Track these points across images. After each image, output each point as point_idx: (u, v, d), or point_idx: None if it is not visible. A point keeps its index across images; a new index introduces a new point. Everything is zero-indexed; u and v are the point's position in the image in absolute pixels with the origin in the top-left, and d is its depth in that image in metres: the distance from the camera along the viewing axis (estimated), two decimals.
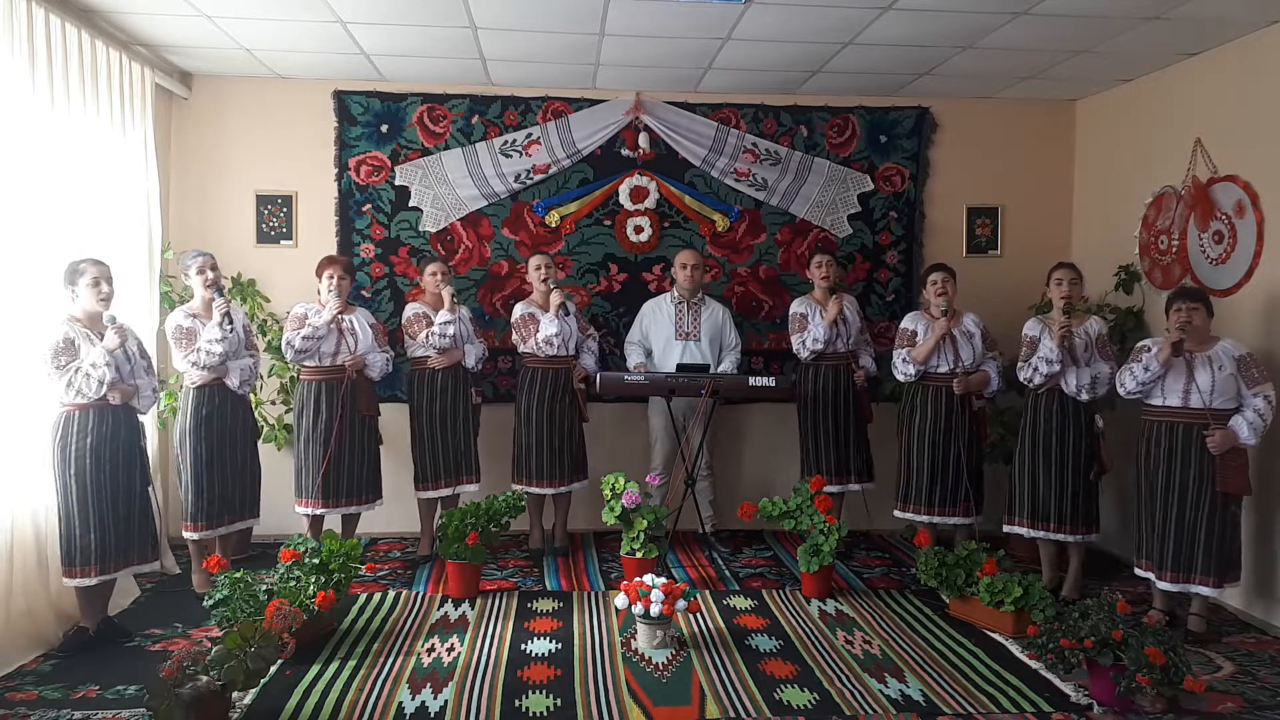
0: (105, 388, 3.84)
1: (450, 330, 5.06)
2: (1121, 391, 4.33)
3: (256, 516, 4.90)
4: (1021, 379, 4.74)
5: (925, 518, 5.02)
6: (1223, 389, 4.07)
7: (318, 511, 4.89)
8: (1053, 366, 4.56)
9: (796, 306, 5.42)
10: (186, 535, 4.64)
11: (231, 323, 4.55)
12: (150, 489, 4.17)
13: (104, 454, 3.90)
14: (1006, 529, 4.85)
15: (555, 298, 5.12)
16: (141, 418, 4.18)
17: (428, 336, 5.07)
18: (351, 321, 4.97)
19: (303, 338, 4.78)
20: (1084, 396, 4.57)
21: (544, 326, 5.14)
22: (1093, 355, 4.61)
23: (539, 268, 5.24)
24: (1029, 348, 4.70)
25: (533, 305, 5.28)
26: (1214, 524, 4.07)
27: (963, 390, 4.91)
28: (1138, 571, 4.36)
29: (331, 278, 4.85)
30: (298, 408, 4.96)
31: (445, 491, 5.22)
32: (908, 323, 5.12)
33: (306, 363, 4.89)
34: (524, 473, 5.27)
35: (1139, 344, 4.35)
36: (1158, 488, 4.21)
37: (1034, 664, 3.83)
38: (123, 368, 3.97)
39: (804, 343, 5.29)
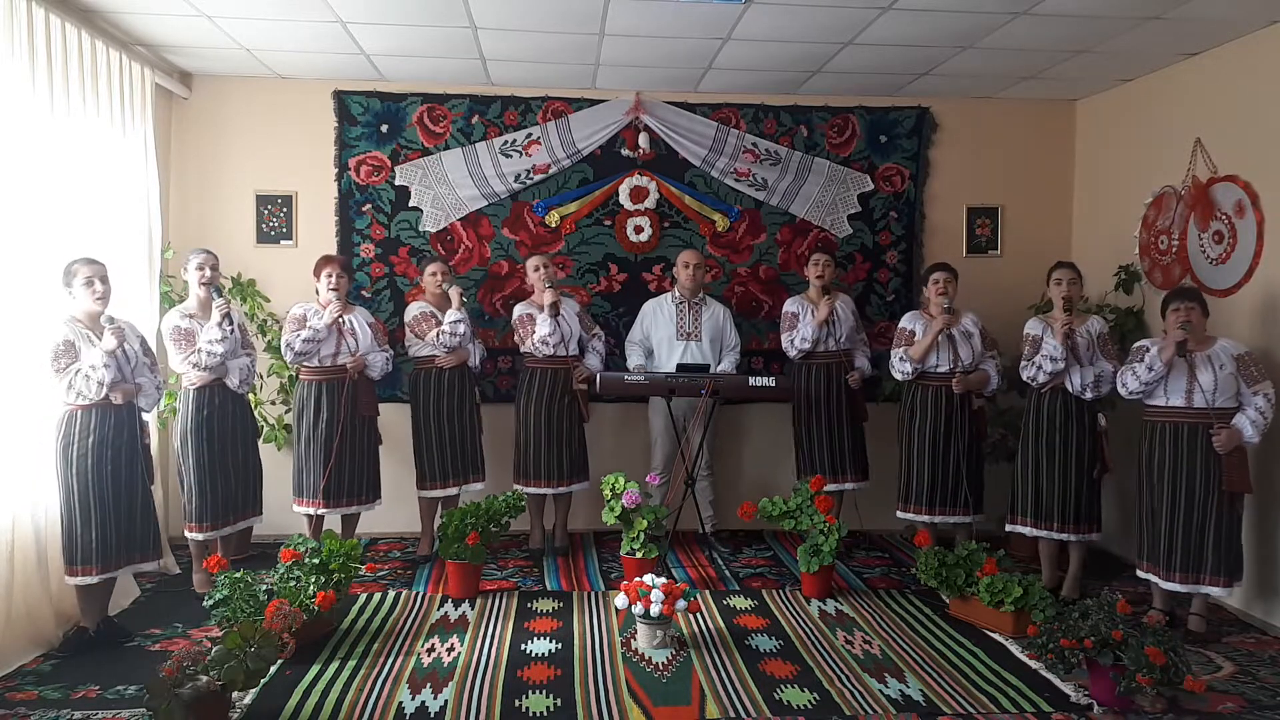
0: (106, 389, 3.84)
1: (461, 329, 5.07)
2: (1123, 392, 4.33)
3: (259, 514, 4.92)
4: (1025, 378, 4.75)
5: (925, 518, 5.02)
6: (1225, 388, 4.09)
7: (319, 511, 4.89)
8: (1057, 365, 4.56)
9: (789, 305, 5.44)
10: (191, 536, 4.64)
11: (231, 322, 4.56)
12: (152, 487, 4.17)
13: (106, 453, 3.90)
14: (1010, 528, 4.85)
15: (548, 297, 5.11)
16: (147, 416, 4.19)
17: (438, 336, 5.07)
18: (351, 322, 4.96)
19: (303, 340, 4.78)
20: (1088, 395, 4.58)
21: (539, 326, 5.14)
22: (1095, 354, 4.62)
23: (537, 268, 5.25)
24: (1031, 347, 4.70)
25: (532, 306, 5.28)
26: (1221, 524, 4.08)
27: (962, 389, 4.91)
28: (1139, 574, 4.35)
29: (330, 276, 4.85)
30: (297, 408, 4.96)
31: (451, 490, 5.21)
32: (906, 322, 5.11)
33: (307, 363, 4.90)
34: (523, 473, 5.27)
35: (1137, 345, 4.37)
36: (1164, 489, 4.20)
37: (1034, 664, 3.83)
38: (124, 367, 3.96)
39: (792, 342, 5.33)
